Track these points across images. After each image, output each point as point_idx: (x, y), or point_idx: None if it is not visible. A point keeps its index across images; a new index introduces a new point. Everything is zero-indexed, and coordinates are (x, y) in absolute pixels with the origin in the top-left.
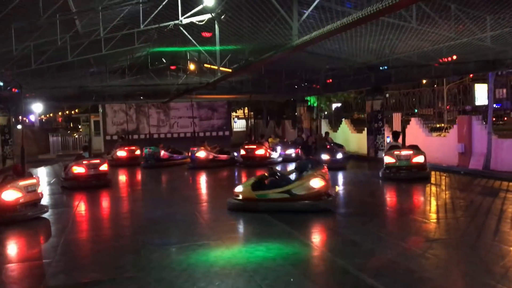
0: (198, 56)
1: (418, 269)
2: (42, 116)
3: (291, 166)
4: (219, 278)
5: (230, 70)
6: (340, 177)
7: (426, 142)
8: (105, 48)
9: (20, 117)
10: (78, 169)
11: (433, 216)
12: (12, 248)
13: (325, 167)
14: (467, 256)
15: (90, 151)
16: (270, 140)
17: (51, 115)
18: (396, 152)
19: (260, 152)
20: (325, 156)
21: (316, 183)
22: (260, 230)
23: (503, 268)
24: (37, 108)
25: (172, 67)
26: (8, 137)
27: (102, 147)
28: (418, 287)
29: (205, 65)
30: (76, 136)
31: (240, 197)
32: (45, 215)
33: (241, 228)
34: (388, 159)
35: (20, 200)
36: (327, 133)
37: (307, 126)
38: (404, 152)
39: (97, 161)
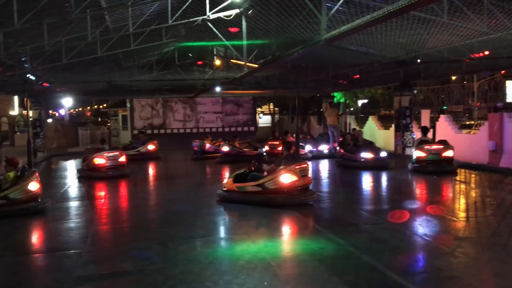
0: (225, 51)
1: (447, 268)
2: (72, 110)
3: (323, 163)
4: (245, 272)
5: (256, 65)
6: (371, 175)
7: (455, 139)
8: (133, 43)
9: (50, 111)
10: (99, 160)
11: (462, 214)
12: (43, 239)
13: (306, 162)
14: (498, 255)
15: (110, 144)
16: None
17: (80, 109)
18: (426, 147)
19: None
20: (368, 155)
21: (287, 178)
22: (286, 226)
23: None
24: (67, 102)
25: (199, 62)
26: (39, 130)
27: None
28: (447, 286)
29: (232, 60)
30: (107, 130)
31: (225, 188)
32: (73, 206)
33: (266, 223)
34: (418, 153)
35: None
36: (354, 130)
37: (332, 123)
38: (435, 146)
39: (117, 153)
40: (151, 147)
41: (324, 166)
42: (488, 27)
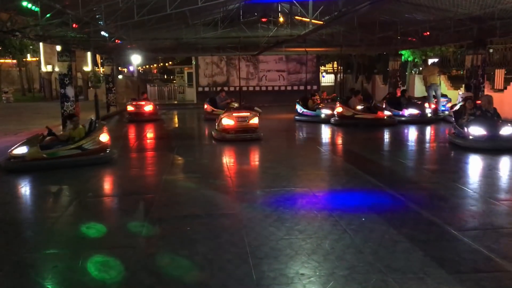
0: (290, 8)
1: (508, 225)
2: (139, 68)
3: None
4: (306, 220)
5: (321, 22)
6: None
7: None
8: (200, 1)
9: (120, 68)
10: (130, 107)
11: None
12: (118, 184)
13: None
14: None
15: (139, 95)
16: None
17: (147, 66)
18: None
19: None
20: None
21: (104, 137)
22: (345, 180)
23: None
24: (135, 59)
25: (263, 20)
26: (112, 86)
27: (194, 98)
28: (505, 242)
29: (296, 17)
30: (174, 86)
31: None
32: (146, 157)
33: (326, 177)
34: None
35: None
36: (404, 91)
37: (434, 81)
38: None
39: (143, 102)
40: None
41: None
42: None
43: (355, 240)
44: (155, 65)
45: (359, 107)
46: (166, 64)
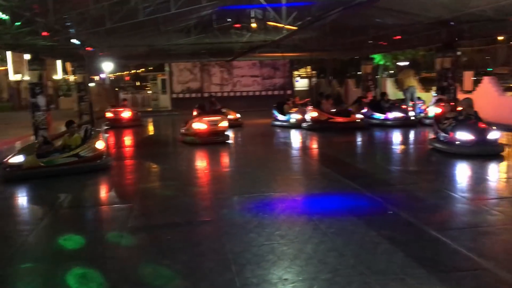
0: (263, 13)
1: (484, 224)
2: (111, 75)
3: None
4: (286, 225)
5: (295, 28)
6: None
7: (499, 102)
8: (174, 7)
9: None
10: (108, 114)
11: (503, 175)
12: (98, 193)
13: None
14: None
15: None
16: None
17: (118, 74)
18: (442, 104)
19: None
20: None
21: (100, 144)
22: (324, 184)
23: None
24: (107, 66)
25: (237, 25)
26: (84, 94)
27: (169, 104)
28: (482, 240)
29: (269, 23)
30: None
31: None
32: (127, 165)
33: (305, 181)
34: (435, 110)
35: None
36: (383, 94)
37: (411, 84)
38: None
39: (121, 109)
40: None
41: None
42: None
43: (336, 244)
44: (127, 72)
45: (332, 111)
46: (138, 71)
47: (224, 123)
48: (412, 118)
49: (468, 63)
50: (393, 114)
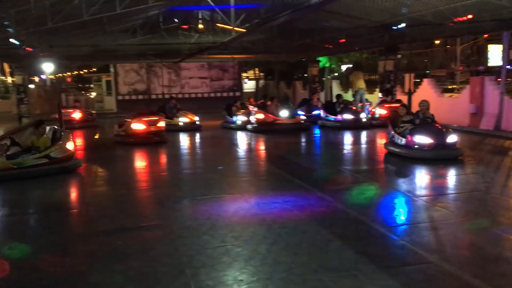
0: (211, 15)
1: (428, 220)
2: (52, 76)
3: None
4: (240, 226)
5: (244, 30)
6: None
7: (437, 102)
8: (119, 7)
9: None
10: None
11: (444, 172)
12: (44, 199)
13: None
14: (475, 208)
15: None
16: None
17: (60, 75)
18: (386, 105)
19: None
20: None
21: (71, 145)
22: (276, 185)
23: (509, 219)
24: (47, 67)
25: (184, 26)
26: (24, 96)
27: (114, 106)
28: (426, 235)
29: (217, 24)
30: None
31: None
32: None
33: (257, 183)
34: (380, 111)
35: None
36: (338, 95)
37: (361, 86)
38: (393, 105)
39: (71, 110)
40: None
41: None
42: None
43: (289, 243)
44: (69, 73)
45: (281, 113)
46: (81, 72)
47: (162, 123)
48: (364, 120)
49: (407, 65)
50: (345, 116)
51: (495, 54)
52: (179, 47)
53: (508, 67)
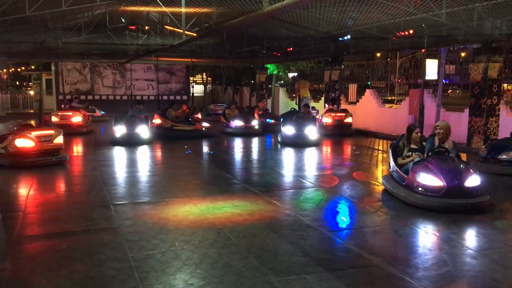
0: (160, 17)
1: (372, 224)
2: None
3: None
4: (190, 230)
5: (194, 34)
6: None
7: (379, 112)
8: (64, 4)
9: None
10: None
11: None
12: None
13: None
14: (416, 212)
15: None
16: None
17: None
18: (332, 114)
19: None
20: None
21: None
22: (225, 189)
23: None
24: None
25: (132, 27)
26: None
27: (54, 106)
28: (369, 238)
29: (166, 27)
30: (32, 94)
31: None
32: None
33: (206, 187)
34: (326, 119)
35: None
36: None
37: (306, 94)
38: (338, 114)
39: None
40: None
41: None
42: (414, 7)
43: (239, 247)
44: (4, 70)
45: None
46: (19, 69)
47: (59, 139)
48: (257, 127)
49: (351, 76)
50: (235, 123)
51: (432, 68)
52: (126, 48)
53: (444, 81)
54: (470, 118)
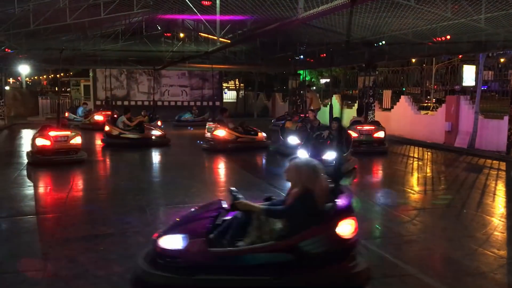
0: (195, 24)
1: (407, 233)
2: (27, 79)
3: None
4: None
5: (228, 41)
6: None
7: (414, 119)
8: (103, 13)
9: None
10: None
11: (420, 188)
12: (23, 203)
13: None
14: (451, 223)
15: None
16: None
17: (35, 78)
18: (358, 127)
19: None
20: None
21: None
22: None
23: (484, 235)
24: (23, 70)
25: (167, 34)
26: (0, 98)
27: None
28: (406, 248)
29: (201, 34)
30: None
31: None
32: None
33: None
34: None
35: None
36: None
37: (318, 106)
38: (366, 127)
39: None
40: None
41: None
42: (451, 13)
43: None
44: (44, 76)
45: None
46: (58, 75)
47: (77, 139)
48: (154, 138)
49: (385, 82)
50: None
51: (468, 74)
52: (161, 55)
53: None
54: (510, 125)
